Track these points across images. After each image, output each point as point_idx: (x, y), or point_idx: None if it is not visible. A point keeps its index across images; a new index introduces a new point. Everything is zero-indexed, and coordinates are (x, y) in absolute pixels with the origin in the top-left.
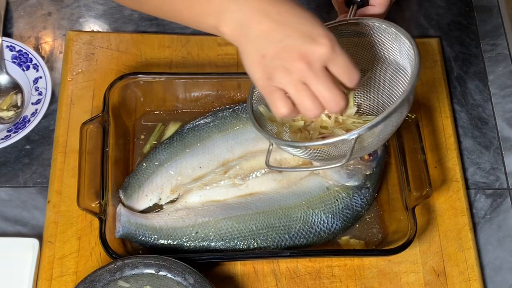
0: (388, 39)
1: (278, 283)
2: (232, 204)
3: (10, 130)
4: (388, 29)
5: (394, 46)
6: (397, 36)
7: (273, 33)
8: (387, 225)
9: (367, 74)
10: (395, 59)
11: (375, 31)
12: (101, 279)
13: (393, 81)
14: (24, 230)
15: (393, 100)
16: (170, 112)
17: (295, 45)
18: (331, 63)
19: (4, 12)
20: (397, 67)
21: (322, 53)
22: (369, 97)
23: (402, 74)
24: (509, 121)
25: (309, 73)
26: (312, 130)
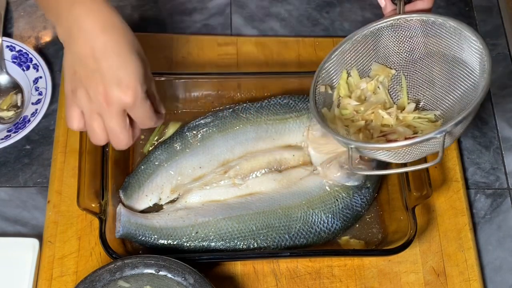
0: (445, 33)
1: (278, 283)
2: (232, 204)
3: (10, 130)
4: (444, 23)
5: (453, 40)
6: (456, 30)
7: (88, 60)
8: (387, 225)
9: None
10: (453, 53)
11: (429, 26)
12: (101, 279)
13: (451, 75)
14: (24, 230)
15: (452, 94)
16: (170, 112)
17: (103, 82)
18: (131, 111)
19: (4, 12)
20: (455, 61)
21: (123, 101)
22: (422, 94)
23: (461, 68)
24: (509, 121)
25: (106, 111)
26: (373, 129)
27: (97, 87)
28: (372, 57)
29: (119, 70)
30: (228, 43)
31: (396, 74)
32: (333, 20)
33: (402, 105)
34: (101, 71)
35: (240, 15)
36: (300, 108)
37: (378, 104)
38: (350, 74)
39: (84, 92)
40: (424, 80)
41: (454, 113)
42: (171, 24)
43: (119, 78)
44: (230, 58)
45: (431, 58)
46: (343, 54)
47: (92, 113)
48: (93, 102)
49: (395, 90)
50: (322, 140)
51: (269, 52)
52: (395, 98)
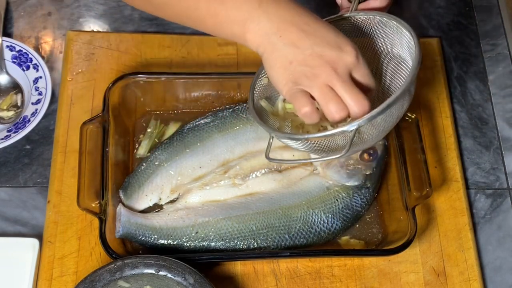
0: (389, 32)
1: (278, 283)
2: (232, 204)
3: (10, 130)
4: (389, 22)
5: (395, 39)
6: (398, 28)
7: (302, 41)
8: (387, 225)
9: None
10: (397, 52)
11: (376, 25)
12: (101, 279)
13: (396, 74)
14: (24, 230)
15: (393, 89)
16: (170, 112)
17: (323, 51)
18: (355, 71)
19: (4, 12)
20: (399, 59)
21: (348, 60)
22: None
23: (404, 67)
24: (509, 121)
25: (336, 77)
26: (311, 127)
27: (319, 60)
28: None
29: (330, 36)
30: (228, 43)
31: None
32: None
33: None
34: (316, 45)
35: None
36: None
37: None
38: None
39: (308, 73)
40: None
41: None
42: (171, 24)
43: (334, 43)
44: (230, 58)
45: (378, 57)
46: None
47: (322, 88)
48: (319, 76)
49: None
50: None
51: None
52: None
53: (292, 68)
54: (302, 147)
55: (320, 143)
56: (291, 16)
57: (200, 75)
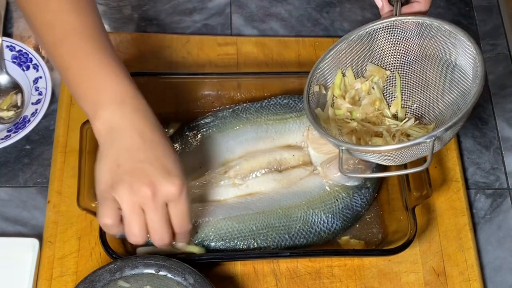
0: (440, 37)
1: (278, 283)
2: (232, 204)
3: (10, 130)
4: (440, 26)
5: (448, 44)
6: (451, 33)
7: (137, 152)
8: (387, 225)
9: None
10: (447, 57)
11: (425, 29)
12: (101, 279)
13: (446, 78)
14: (24, 230)
15: (445, 98)
16: (170, 112)
17: (151, 171)
18: (173, 204)
19: (4, 12)
20: (448, 64)
21: (170, 191)
22: (416, 95)
23: (454, 71)
24: (509, 121)
25: (150, 201)
26: (365, 132)
27: (144, 178)
28: (368, 57)
29: (166, 160)
30: (228, 43)
31: (391, 75)
32: (333, 20)
33: (395, 107)
34: (148, 162)
35: (240, 15)
36: (300, 108)
37: (375, 106)
38: (345, 74)
39: (127, 185)
40: (419, 82)
41: (446, 117)
42: (171, 24)
43: (167, 168)
44: (230, 58)
45: (426, 61)
46: (339, 54)
47: (133, 207)
48: (136, 194)
49: (389, 91)
50: (322, 140)
51: (269, 52)
52: (389, 100)
53: (117, 171)
54: (370, 157)
55: (394, 154)
56: (142, 126)
57: (200, 75)
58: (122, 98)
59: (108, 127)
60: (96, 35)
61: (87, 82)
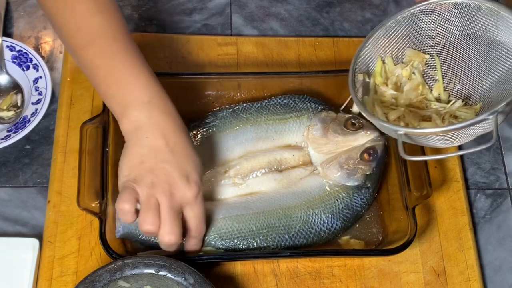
0: (480, 15)
1: (278, 283)
2: (232, 204)
3: (10, 130)
4: (480, 5)
5: (488, 23)
6: (492, 11)
7: (161, 154)
8: (387, 225)
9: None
10: (489, 36)
11: (464, 9)
12: (101, 279)
13: (488, 58)
14: (24, 230)
15: (489, 77)
16: None
17: (172, 174)
18: (188, 208)
19: (4, 12)
20: (490, 43)
21: (187, 195)
22: (457, 77)
23: (498, 50)
24: (509, 121)
25: (167, 201)
26: (412, 117)
27: (164, 178)
28: (406, 42)
29: (186, 166)
30: (228, 43)
31: (430, 59)
32: (333, 20)
33: (437, 90)
34: (170, 165)
35: (240, 15)
36: (300, 108)
37: (418, 91)
38: (384, 61)
39: (148, 180)
40: (460, 64)
41: (492, 95)
42: (171, 24)
43: (186, 173)
44: (230, 58)
45: (466, 42)
46: (377, 41)
47: (150, 197)
48: (155, 189)
49: (430, 75)
50: (322, 140)
51: (269, 52)
52: (430, 83)
53: (140, 168)
54: (429, 140)
55: (452, 134)
56: (167, 127)
57: (200, 75)
58: (149, 99)
59: (135, 127)
60: (121, 36)
61: (115, 83)
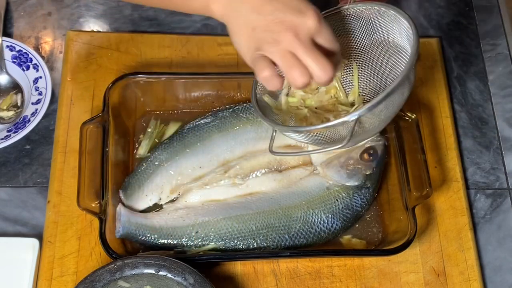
0: (388, 22)
1: (278, 283)
2: (232, 204)
3: (10, 130)
4: (387, 11)
5: (394, 29)
6: (396, 17)
7: (264, 7)
8: (387, 225)
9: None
10: (397, 42)
11: (375, 15)
12: (101, 279)
13: (396, 63)
14: (24, 230)
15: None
16: (170, 112)
17: (285, 17)
18: (318, 35)
19: (4, 12)
20: (399, 49)
21: (310, 25)
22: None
23: (403, 56)
24: (509, 121)
25: (298, 43)
26: (315, 119)
27: (281, 26)
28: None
29: (292, 1)
30: (228, 43)
31: (348, 64)
32: None
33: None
34: (278, 10)
35: None
36: None
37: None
38: None
39: (270, 39)
40: (374, 69)
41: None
42: (171, 24)
43: (296, 8)
44: (230, 58)
45: (378, 47)
46: None
47: (285, 55)
48: (281, 42)
49: (348, 79)
50: None
51: None
52: (347, 88)
53: (255, 34)
54: (305, 139)
55: (323, 134)
56: None
57: (200, 75)
58: None
59: (225, 4)
60: None
61: None
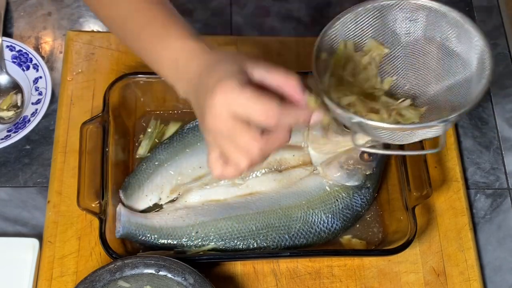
0: (445, 24)
1: (278, 283)
2: (232, 204)
3: (10, 130)
4: (448, 13)
5: (451, 32)
6: (458, 22)
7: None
8: (387, 225)
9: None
10: (449, 44)
11: (432, 13)
12: (101, 279)
13: (444, 65)
14: (24, 230)
15: (443, 83)
16: (170, 112)
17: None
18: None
19: (4, 12)
20: (449, 51)
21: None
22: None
23: (455, 60)
24: (509, 121)
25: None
26: (362, 107)
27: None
28: (370, 32)
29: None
30: (228, 43)
31: (389, 54)
32: None
33: (387, 85)
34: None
35: (240, 15)
36: None
37: (370, 82)
38: (346, 45)
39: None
40: (415, 64)
41: (438, 102)
42: None
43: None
44: None
45: (425, 45)
46: (345, 24)
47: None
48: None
49: (385, 69)
50: (322, 140)
51: (269, 52)
52: (383, 77)
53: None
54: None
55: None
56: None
57: None
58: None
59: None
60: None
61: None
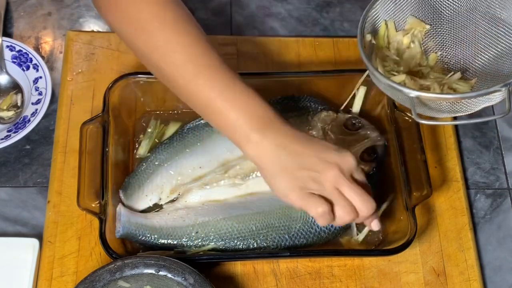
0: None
1: (278, 283)
2: (232, 204)
3: (10, 130)
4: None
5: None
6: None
7: (305, 151)
8: (387, 225)
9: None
10: (492, 12)
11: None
12: (101, 279)
13: (488, 33)
14: (24, 230)
15: (487, 53)
16: (170, 112)
17: (327, 157)
18: (356, 172)
19: (4, 12)
20: (492, 19)
21: (351, 162)
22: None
23: (499, 27)
24: (509, 121)
25: (343, 178)
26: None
27: (325, 163)
28: (410, 10)
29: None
30: (228, 43)
31: (431, 30)
32: (333, 20)
33: (433, 61)
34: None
35: (240, 15)
36: (300, 108)
37: (416, 60)
38: (387, 25)
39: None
40: (459, 37)
41: (488, 72)
42: None
43: (336, 148)
44: (230, 58)
45: (468, 16)
46: (385, 3)
47: (333, 192)
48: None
49: (427, 45)
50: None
51: (269, 52)
52: (427, 54)
53: (299, 174)
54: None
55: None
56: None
57: None
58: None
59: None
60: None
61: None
